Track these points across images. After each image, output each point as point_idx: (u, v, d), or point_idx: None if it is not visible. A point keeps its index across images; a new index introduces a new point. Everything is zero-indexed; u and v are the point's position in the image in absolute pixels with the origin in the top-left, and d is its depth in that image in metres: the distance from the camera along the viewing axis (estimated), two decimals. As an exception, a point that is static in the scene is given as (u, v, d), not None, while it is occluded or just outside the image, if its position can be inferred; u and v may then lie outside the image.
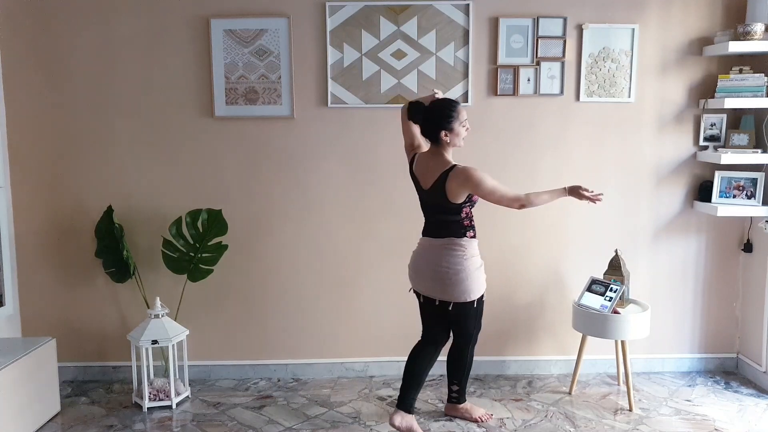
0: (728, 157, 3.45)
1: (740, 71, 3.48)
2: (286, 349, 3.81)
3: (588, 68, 3.60)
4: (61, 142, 3.60)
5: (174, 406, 3.42)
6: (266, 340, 3.79)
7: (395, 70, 3.58)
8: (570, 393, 3.57)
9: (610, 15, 3.57)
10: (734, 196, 3.58)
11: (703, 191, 3.68)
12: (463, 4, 3.53)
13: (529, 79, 3.60)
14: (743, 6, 3.57)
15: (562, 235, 3.74)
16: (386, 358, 3.82)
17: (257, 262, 3.72)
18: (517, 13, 3.55)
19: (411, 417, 3.04)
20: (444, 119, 2.87)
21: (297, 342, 3.80)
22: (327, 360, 3.81)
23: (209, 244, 3.54)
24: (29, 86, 3.55)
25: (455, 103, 2.94)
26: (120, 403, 3.50)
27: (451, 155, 2.94)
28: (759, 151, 3.49)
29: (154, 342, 3.33)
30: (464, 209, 2.92)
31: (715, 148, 3.62)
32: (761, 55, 3.51)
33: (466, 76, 3.59)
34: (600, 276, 3.52)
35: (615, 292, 3.35)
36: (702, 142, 3.66)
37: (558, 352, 3.83)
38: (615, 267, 3.47)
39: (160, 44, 3.55)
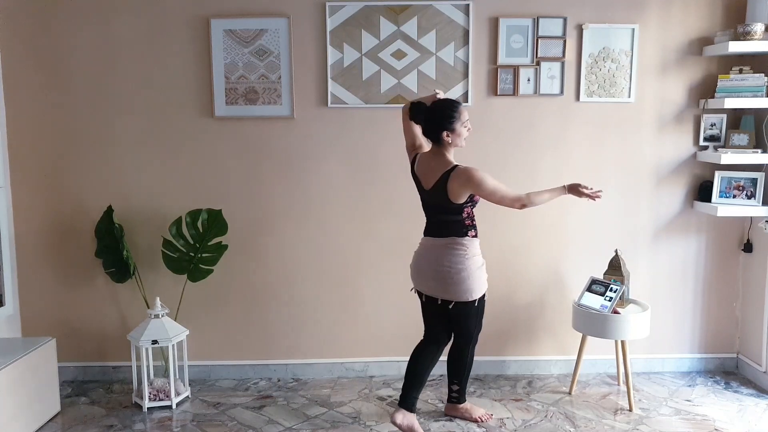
0: (728, 157, 3.45)
1: (740, 71, 3.48)
2: (286, 349, 3.81)
3: (588, 68, 3.60)
4: (61, 142, 3.60)
5: (174, 406, 3.42)
6: (266, 340, 3.79)
7: (395, 70, 3.58)
8: (570, 393, 3.57)
9: (610, 15, 3.57)
10: (734, 196, 3.58)
11: (703, 191, 3.68)
12: (463, 4, 3.53)
13: (529, 79, 3.60)
14: (743, 6, 3.57)
15: (562, 235, 3.74)
16: (386, 358, 3.82)
17: (257, 262, 3.72)
18: (517, 13, 3.56)
19: (412, 416, 3.04)
20: (446, 120, 2.87)
21: (297, 342, 3.80)
22: (327, 360, 3.82)
23: (209, 244, 3.54)
24: (29, 86, 3.55)
25: (457, 103, 2.94)
26: (120, 403, 3.50)
27: (453, 155, 2.94)
28: (759, 151, 3.49)
29: (154, 342, 3.33)
30: (465, 209, 2.92)
31: (715, 148, 3.62)
32: (761, 55, 3.51)
33: (466, 76, 3.59)
34: (600, 276, 3.53)
35: (615, 292, 3.35)
36: (702, 142, 3.66)
37: (558, 352, 3.83)
38: (615, 267, 3.47)
39: (160, 44, 3.55)
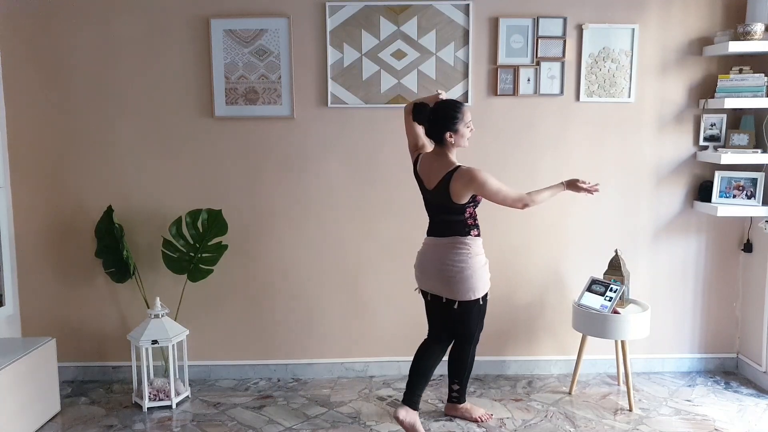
0: (728, 157, 3.45)
1: (740, 71, 3.48)
2: (286, 349, 3.81)
3: (588, 68, 3.60)
4: (61, 142, 3.60)
5: (174, 406, 3.42)
6: (266, 340, 3.79)
7: (395, 70, 3.58)
8: (570, 393, 3.57)
9: (610, 15, 3.57)
10: (734, 196, 3.58)
11: (703, 191, 3.68)
12: (463, 4, 3.53)
13: (529, 79, 3.60)
14: (743, 6, 3.57)
15: (562, 235, 3.74)
16: (386, 358, 3.82)
17: (257, 262, 3.72)
18: (517, 13, 3.56)
19: (415, 414, 3.03)
20: (449, 121, 2.87)
21: (297, 342, 3.80)
22: (327, 360, 3.82)
23: (209, 244, 3.54)
24: (29, 86, 3.55)
25: (460, 104, 2.94)
26: (120, 403, 3.50)
27: (455, 156, 2.94)
28: (759, 151, 3.49)
29: (154, 342, 3.33)
30: (468, 209, 2.92)
31: (715, 148, 3.62)
32: (761, 55, 3.51)
33: (466, 76, 3.59)
34: (600, 276, 3.53)
35: (615, 292, 3.35)
36: (702, 142, 3.66)
37: (558, 352, 3.83)
38: (615, 267, 3.47)
39: (160, 44, 3.55)
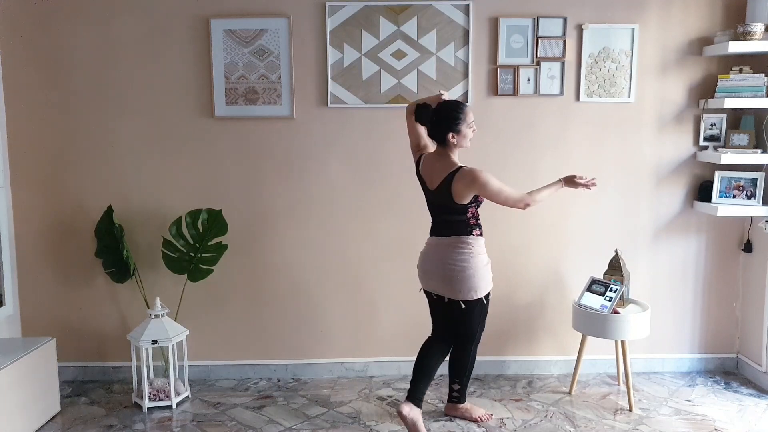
0: (728, 157, 3.45)
1: (740, 71, 3.48)
2: (286, 349, 3.81)
3: (588, 68, 3.60)
4: (61, 142, 3.60)
5: (174, 406, 3.42)
6: (266, 340, 3.79)
7: (395, 70, 3.58)
8: (570, 393, 3.57)
9: (610, 15, 3.57)
10: (734, 196, 3.58)
11: (703, 191, 3.68)
12: (463, 4, 3.53)
13: (529, 79, 3.60)
14: (743, 6, 3.57)
15: (562, 235, 3.74)
16: (386, 358, 3.82)
17: (257, 262, 3.72)
18: (517, 13, 3.55)
19: (418, 411, 3.01)
20: (451, 122, 2.87)
21: (297, 342, 3.80)
22: (327, 360, 3.81)
23: (209, 244, 3.54)
24: (29, 86, 3.55)
25: (462, 105, 2.94)
26: (120, 403, 3.50)
27: (458, 156, 2.95)
28: (759, 151, 3.49)
29: (154, 342, 3.33)
30: (470, 209, 2.93)
31: (715, 148, 3.62)
32: (761, 55, 3.51)
33: (466, 76, 3.59)
34: (600, 276, 3.52)
35: (615, 292, 3.35)
36: (702, 142, 3.66)
37: (558, 352, 3.83)
38: (615, 267, 3.47)
39: (160, 44, 3.55)
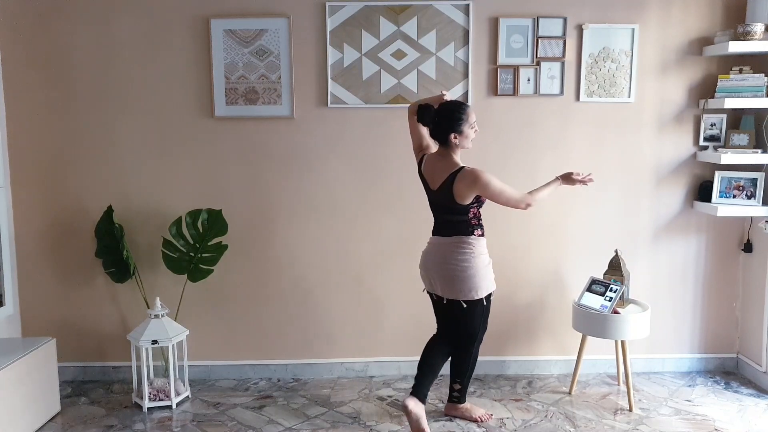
0: (728, 157, 3.45)
1: (740, 71, 3.48)
2: (286, 349, 3.81)
3: (588, 68, 3.60)
4: (61, 142, 3.60)
5: (174, 406, 3.42)
6: (266, 340, 3.79)
7: (395, 70, 3.58)
8: (570, 393, 3.57)
9: (610, 15, 3.57)
10: (734, 196, 3.58)
11: (703, 191, 3.68)
12: (463, 4, 3.53)
13: (529, 79, 3.60)
14: (743, 6, 3.57)
15: (562, 235, 3.74)
16: (386, 358, 3.82)
17: (257, 262, 3.72)
18: (517, 13, 3.55)
19: (422, 407, 3.01)
20: (454, 122, 2.88)
21: (297, 342, 3.80)
22: (327, 360, 3.81)
23: (209, 244, 3.54)
24: (29, 86, 3.55)
25: (464, 105, 2.94)
26: (120, 403, 3.50)
27: (460, 157, 2.95)
28: (759, 151, 3.49)
29: (154, 342, 3.33)
30: (472, 209, 2.93)
31: (715, 148, 3.62)
32: (761, 55, 3.51)
33: (466, 76, 3.59)
34: (600, 276, 3.52)
35: (615, 292, 3.35)
36: (702, 142, 3.66)
37: (558, 352, 3.83)
38: (615, 267, 3.47)
39: (160, 44, 3.54)
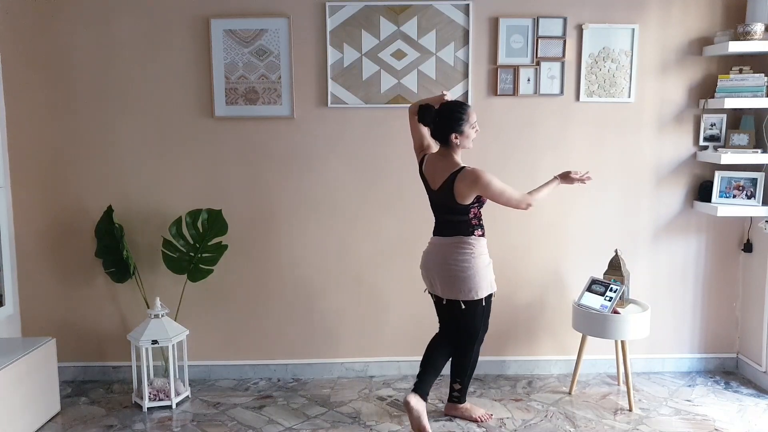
0: (728, 157, 3.45)
1: (740, 71, 3.48)
2: (286, 349, 3.81)
3: (588, 68, 3.60)
4: (61, 142, 3.60)
5: (174, 406, 3.42)
6: (266, 340, 3.79)
7: (395, 70, 3.58)
8: (570, 393, 3.57)
9: (610, 15, 3.57)
10: (734, 196, 3.58)
11: (703, 191, 3.68)
12: (463, 4, 3.53)
13: (529, 79, 3.60)
14: (743, 6, 3.57)
15: (562, 235, 3.74)
16: (386, 358, 3.82)
17: (257, 262, 3.72)
18: (517, 13, 3.55)
19: (423, 405, 3.01)
20: (454, 122, 2.88)
21: (297, 342, 3.80)
22: (327, 360, 3.81)
23: (209, 244, 3.54)
24: (29, 86, 3.54)
25: (465, 105, 2.94)
26: (120, 403, 3.50)
27: (460, 156, 2.95)
28: (759, 151, 3.49)
29: (154, 342, 3.33)
30: (472, 209, 2.93)
31: (715, 148, 3.62)
32: (761, 55, 3.51)
33: (466, 76, 3.59)
34: (600, 276, 3.53)
35: (615, 292, 3.35)
36: (702, 142, 3.66)
37: (558, 352, 3.83)
38: (615, 267, 3.47)
39: (160, 44, 3.54)
